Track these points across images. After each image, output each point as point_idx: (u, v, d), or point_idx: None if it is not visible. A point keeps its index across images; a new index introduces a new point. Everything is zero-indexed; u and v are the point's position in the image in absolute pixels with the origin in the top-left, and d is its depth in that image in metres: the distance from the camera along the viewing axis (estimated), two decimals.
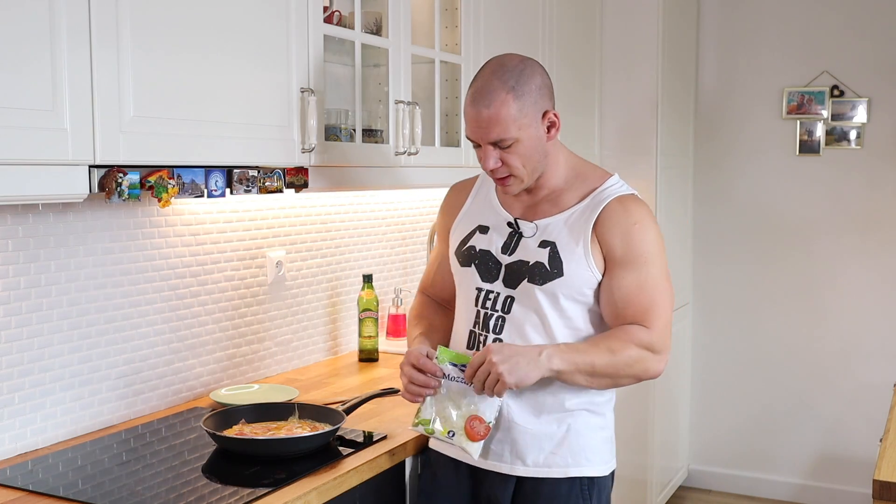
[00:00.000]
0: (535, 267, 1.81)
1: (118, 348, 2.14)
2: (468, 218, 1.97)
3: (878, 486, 1.91)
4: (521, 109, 1.76)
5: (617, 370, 1.78)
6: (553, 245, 1.81)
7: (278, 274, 2.60)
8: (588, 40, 3.75)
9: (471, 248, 1.91)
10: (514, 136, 1.76)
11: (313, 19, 2.16)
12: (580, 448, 1.85)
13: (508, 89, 1.75)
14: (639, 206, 1.84)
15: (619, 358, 1.77)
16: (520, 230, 1.86)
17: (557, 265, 1.80)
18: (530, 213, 1.88)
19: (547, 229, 1.84)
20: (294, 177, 2.15)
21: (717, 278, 4.37)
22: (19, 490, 1.71)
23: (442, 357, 1.81)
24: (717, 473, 4.43)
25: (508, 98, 1.75)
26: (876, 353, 4.08)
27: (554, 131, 1.83)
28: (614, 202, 1.82)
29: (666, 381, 4.04)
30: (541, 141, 1.81)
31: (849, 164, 4.07)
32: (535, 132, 1.79)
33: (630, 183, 1.97)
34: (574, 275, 1.80)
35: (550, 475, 1.84)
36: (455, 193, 2.06)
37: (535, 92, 1.78)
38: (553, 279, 1.80)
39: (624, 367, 1.78)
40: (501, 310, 1.85)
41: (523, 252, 1.84)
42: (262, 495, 1.66)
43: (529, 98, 1.77)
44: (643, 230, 1.81)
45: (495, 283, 1.86)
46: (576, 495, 1.85)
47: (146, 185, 1.77)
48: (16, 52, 1.50)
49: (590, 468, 1.87)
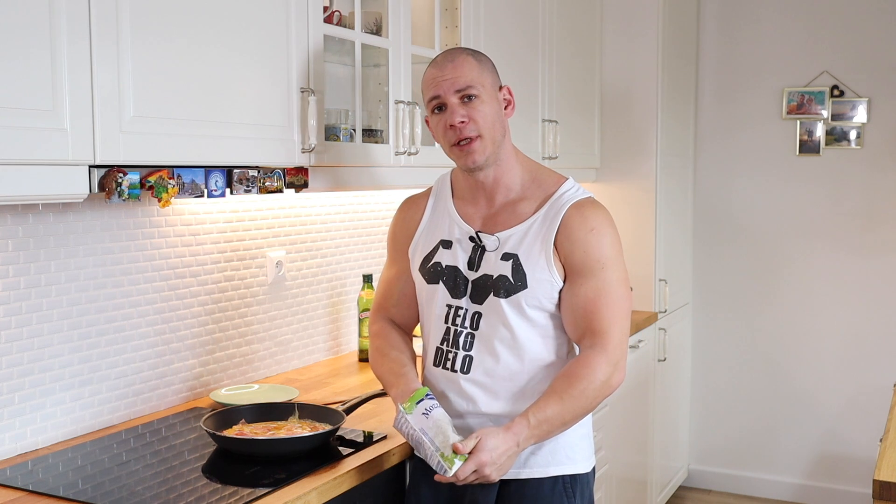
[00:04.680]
0: (500, 280, 1.82)
1: (118, 348, 2.14)
2: (429, 233, 1.95)
3: (878, 486, 1.91)
4: (482, 73, 1.85)
5: (587, 408, 1.79)
6: (515, 257, 1.82)
7: (278, 274, 2.60)
8: (588, 40, 3.75)
9: (436, 265, 1.90)
10: (478, 88, 1.83)
11: (313, 19, 2.16)
12: (559, 447, 1.86)
13: (469, 53, 1.88)
14: (595, 212, 1.84)
15: (587, 399, 1.77)
16: (482, 244, 1.86)
17: (521, 277, 1.81)
18: (490, 224, 1.88)
19: (508, 241, 1.84)
20: (294, 177, 2.15)
21: (717, 278, 4.37)
22: (19, 490, 1.71)
23: (410, 407, 1.78)
24: (717, 473, 4.43)
25: (469, 58, 1.86)
26: (876, 353, 4.08)
27: (510, 109, 1.90)
28: (572, 210, 1.82)
29: (666, 381, 4.04)
30: (500, 112, 1.87)
31: (849, 164, 4.07)
32: (495, 97, 1.86)
33: (630, 183, 1.97)
34: (538, 286, 1.81)
35: (532, 476, 1.85)
36: (409, 208, 2.02)
37: (492, 68, 1.90)
38: (518, 291, 1.81)
39: (592, 401, 1.78)
40: (470, 326, 1.86)
41: (487, 266, 1.84)
42: (262, 495, 1.66)
43: (487, 66, 1.88)
44: (599, 236, 1.81)
45: (463, 300, 1.87)
46: (559, 493, 1.85)
47: (146, 185, 1.77)
48: (16, 53, 1.50)
49: (570, 466, 1.87)
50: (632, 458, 3.66)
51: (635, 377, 3.63)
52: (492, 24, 2.94)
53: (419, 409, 1.77)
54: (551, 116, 3.36)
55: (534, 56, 3.26)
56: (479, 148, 1.83)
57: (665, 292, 3.92)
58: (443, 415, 1.78)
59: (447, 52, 1.89)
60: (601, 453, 3.14)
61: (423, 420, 1.76)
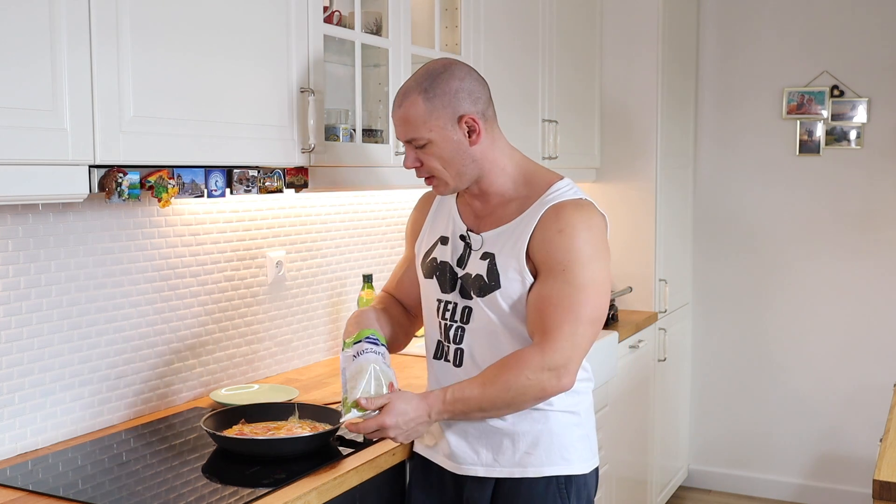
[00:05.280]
0: (477, 279, 1.83)
1: (118, 348, 2.14)
2: (432, 229, 1.99)
3: (878, 486, 1.91)
4: (431, 111, 1.77)
5: (509, 401, 1.76)
6: (492, 257, 1.82)
7: (278, 274, 2.60)
8: (588, 41, 3.75)
9: (433, 260, 1.93)
10: (425, 136, 1.79)
11: (313, 19, 2.16)
12: (556, 447, 1.85)
13: (420, 90, 1.78)
14: (572, 212, 1.78)
15: (510, 393, 1.74)
16: (469, 242, 1.88)
17: (494, 277, 1.81)
18: (480, 224, 1.89)
19: (490, 241, 1.84)
20: (294, 177, 2.15)
21: (717, 278, 4.37)
22: (19, 490, 1.71)
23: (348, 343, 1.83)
24: (717, 473, 4.43)
25: (418, 99, 1.78)
26: (876, 353, 4.08)
27: (476, 136, 1.80)
28: (550, 210, 1.79)
29: (666, 381, 4.05)
30: (461, 146, 1.80)
31: (849, 164, 4.07)
32: (451, 135, 1.79)
33: (630, 183, 1.97)
34: (509, 286, 1.80)
35: (526, 475, 1.84)
36: (422, 203, 2.08)
37: (450, 95, 1.78)
38: (492, 291, 1.81)
39: (517, 396, 1.75)
40: (460, 320, 1.87)
41: (471, 265, 1.86)
42: (262, 495, 1.66)
43: (441, 100, 1.77)
44: (568, 237, 1.75)
45: (453, 294, 1.88)
46: (553, 494, 1.84)
47: (146, 185, 1.77)
48: (16, 53, 1.50)
49: (566, 467, 1.86)
50: (632, 457, 3.66)
51: (635, 377, 3.63)
52: (492, 24, 2.94)
53: (353, 350, 1.82)
54: (551, 116, 3.36)
55: (534, 56, 3.26)
56: (439, 184, 1.86)
57: (665, 292, 3.92)
58: (370, 363, 1.77)
59: (401, 90, 1.83)
60: (601, 453, 3.13)
61: (349, 360, 1.81)
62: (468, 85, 1.80)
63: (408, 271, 2.08)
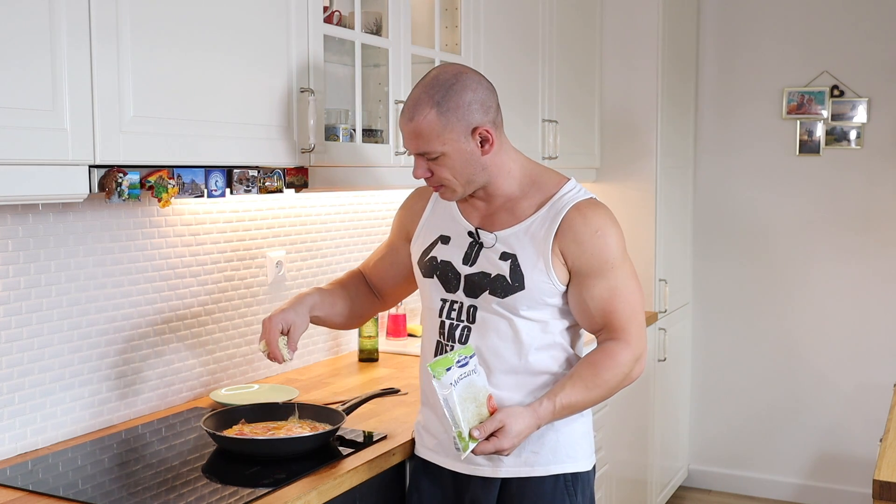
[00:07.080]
0: (497, 280, 1.82)
1: (118, 348, 2.14)
2: (429, 227, 1.97)
3: (878, 486, 1.91)
4: (446, 125, 1.75)
5: (605, 397, 1.85)
6: (514, 258, 1.82)
7: (278, 274, 2.60)
8: (588, 41, 3.75)
9: (433, 259, 1.91)
10: (438, 150, 1.77)
11: (313, 19, 2.16)
12: (560, 445, 1.86)
13: (433, 104, 1.75)
14: (597, 213, 1.83)
15: (609, 390, 1.83)
16: (480, 240, 1.87)
17: (519, 278, 1.81)
18: (489, 222, 1.88)
19: (507, 241, 1.83)
20: (294, 177, 2.15)
21: (717, 278, 4.37)
22: (19, 490, 1.71)
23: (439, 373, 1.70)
24: (717, 473, 4.43)
25: (431, 113, 1.75)
26: (876, 353, 4.08)
27: (489, 146, 1.80)
28: (572, 211, 1.81)
29: (666, 381, 4.04)
30: (473, 156, 1.79)
31: (849, 164, 4.07)
32: (464, 147, 1.78)
33: (630, 183, 1.97)
34: (535, 288, 1.81)
35: (533, 474, 1.85)
36: (416, 198, 2.05)
37: (463, 108, 1.76)
38: (515, 292, 1.81)
39: (612, 391, 1.85)
40: (466, 319, 1.86)
41: (485, 263, 1.84)
42: (262, 495, 1.66)
43: (455, 114, 1.75)
44: (604, 237, 1.81)
45: (457, 294, 1.88)
46: (560, 492, 1.86)
47: (146, 185, 1.77)
48: (16, 53, 1.50)
49: (572, 464, 1.88)
50: (632, 457, 3.66)
51: None
52: (492, 24, 2.94)
53: (447, 379, 1.71)
54: (551, 116, 3.36)
55: (533, 56, 3.26)
56: (448, 192, 1.86)
57: (665, 292, 3.92)
58: (469, 386, 1.73)
59: (411, 101, 1.78)
60: (601, 453, 3.14)
61: (448, 389, 1.71)
62: (480, 95, 1.79)
63: (386, 256, 2.09)
